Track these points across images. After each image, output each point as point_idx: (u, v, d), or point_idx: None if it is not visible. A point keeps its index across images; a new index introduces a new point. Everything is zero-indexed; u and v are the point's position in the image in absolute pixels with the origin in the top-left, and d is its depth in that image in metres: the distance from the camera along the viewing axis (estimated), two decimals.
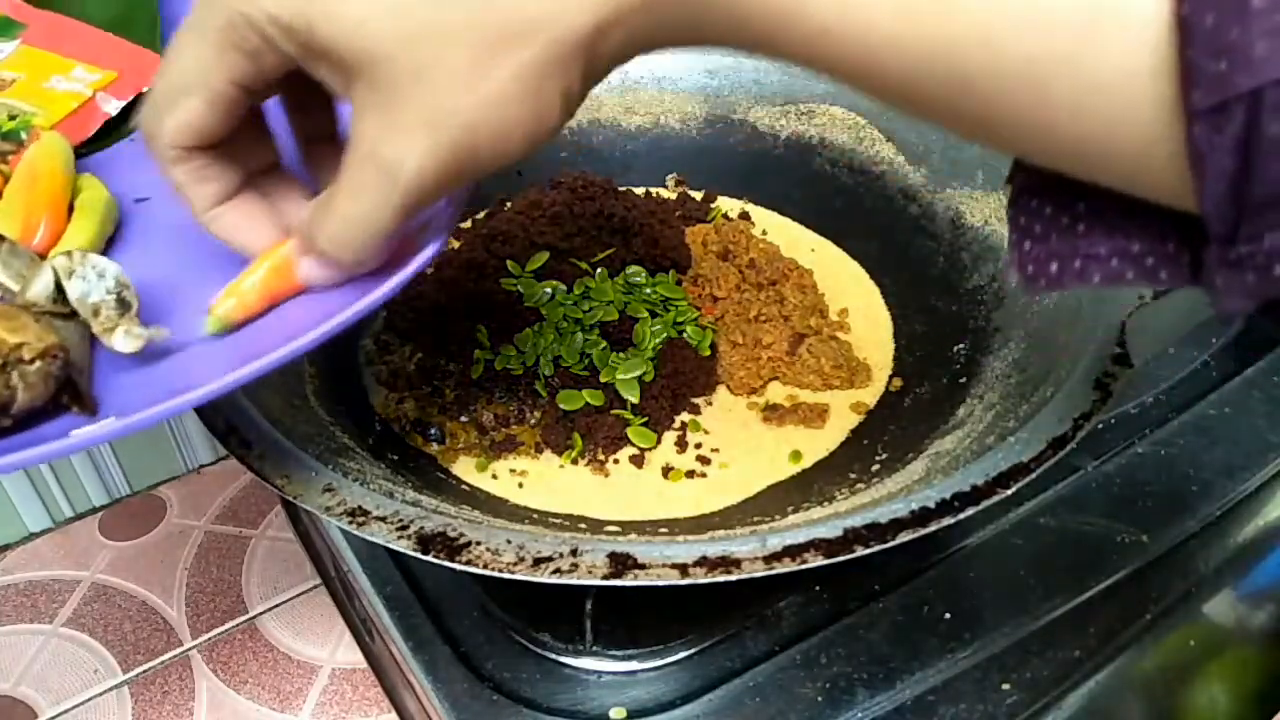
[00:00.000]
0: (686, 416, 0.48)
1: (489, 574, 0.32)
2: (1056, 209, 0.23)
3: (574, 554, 0.32)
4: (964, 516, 0.33)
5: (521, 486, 0.44)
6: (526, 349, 0.48)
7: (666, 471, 0.45)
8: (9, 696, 0.49)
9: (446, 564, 0.32)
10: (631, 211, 0.54)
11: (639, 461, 0.45)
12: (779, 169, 0.61)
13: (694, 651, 0.41)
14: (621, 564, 0.32)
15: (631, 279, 0.52)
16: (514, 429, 0.47)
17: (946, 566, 0.44)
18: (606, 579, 0.31)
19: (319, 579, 0.54)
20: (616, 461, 0.46)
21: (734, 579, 0.31)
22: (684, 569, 0.31)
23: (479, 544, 0.32)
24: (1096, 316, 0.41)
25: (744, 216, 0.59)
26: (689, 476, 0.45)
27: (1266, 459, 0.48)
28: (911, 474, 0.39)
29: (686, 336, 0.50)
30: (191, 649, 0.51)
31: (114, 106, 0.42)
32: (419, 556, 0.32)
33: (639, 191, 0.59)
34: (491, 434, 0.46)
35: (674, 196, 0.60)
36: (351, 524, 0.33)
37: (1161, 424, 0.50)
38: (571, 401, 0.46)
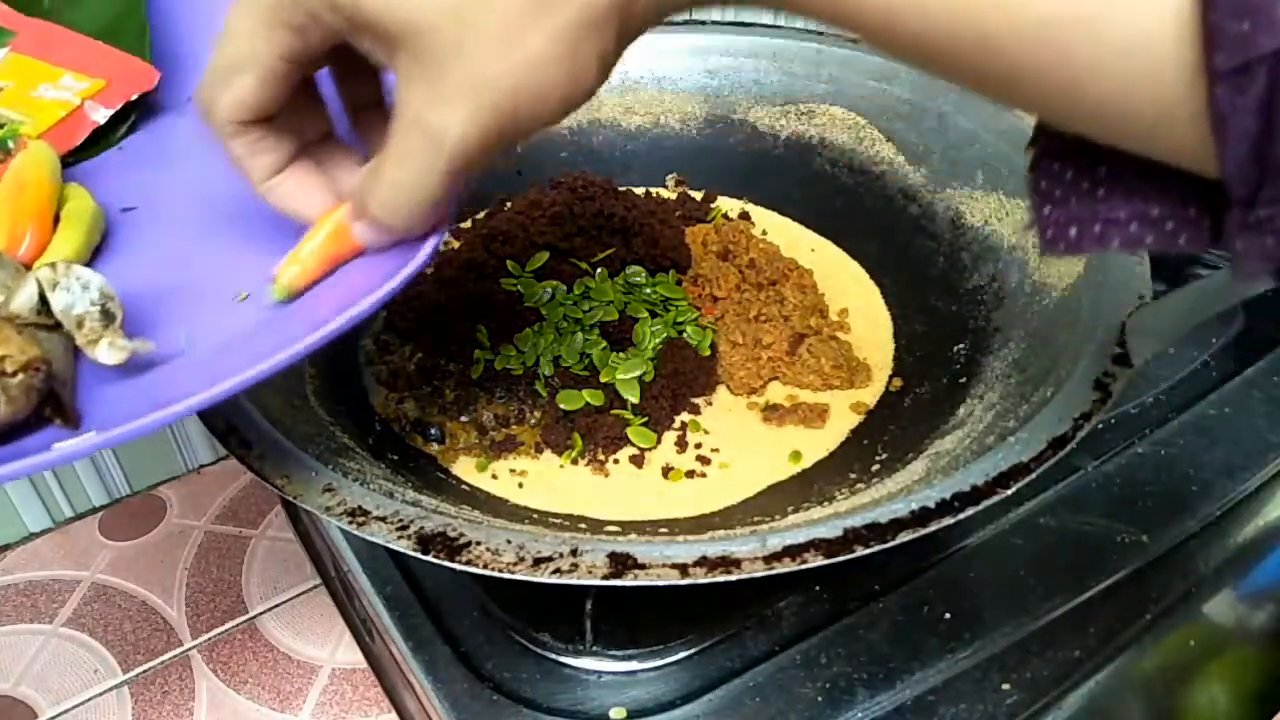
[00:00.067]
0: (686, 416, 0.48)
1: (489, 574, 0.32)
2: (1077, 173, 0.23)
3: (574, 554, 0.32)
4: (964, 516, 0.33)
5: (521, 486, 0.44)
6: (526, 349, 0.48)
7: (666, 471, 0.45)
8: (9, 696, 0.49)
9: (446, 564, 0.32)
10: (631, 211, 0.54)
11: (639, 461, 0.45)
12: (779, 169, 0.61)
13: (694, 651, 0.41)
14: (621, 564, 0.32)
15: (631, 279, 0.52)
16: (514, 429, 0.47)
17: (946, 566, 0.44)
18: (606, 579, 0.31)
19: (319, 579, 0.54)
20: (616, 461, 0.46)
21: (734, 579, 0.31)
22: (684, 569, 0.31)
23: (479, 544, 0.32)
24: (1096, 316, 0.41)
25: (744, 216, 0.59)
26: (689, 476, 0.45)
27: (1266, 459, 0.48)
28: (911, 474, 0.39)
29: (686, 336, 0.50)
30: (191, 649, 0.51)
31: (102, 115, 0.41)
32: (419, 556, 0.32)
33: (639, 191, 0.59)
34: (491, 434, 0.46)
35: (674, 196, 0.60)
36: (351, 524, 0.33)
37: (1161, 424, 0.50)
38: (571, 401, 0.46)
